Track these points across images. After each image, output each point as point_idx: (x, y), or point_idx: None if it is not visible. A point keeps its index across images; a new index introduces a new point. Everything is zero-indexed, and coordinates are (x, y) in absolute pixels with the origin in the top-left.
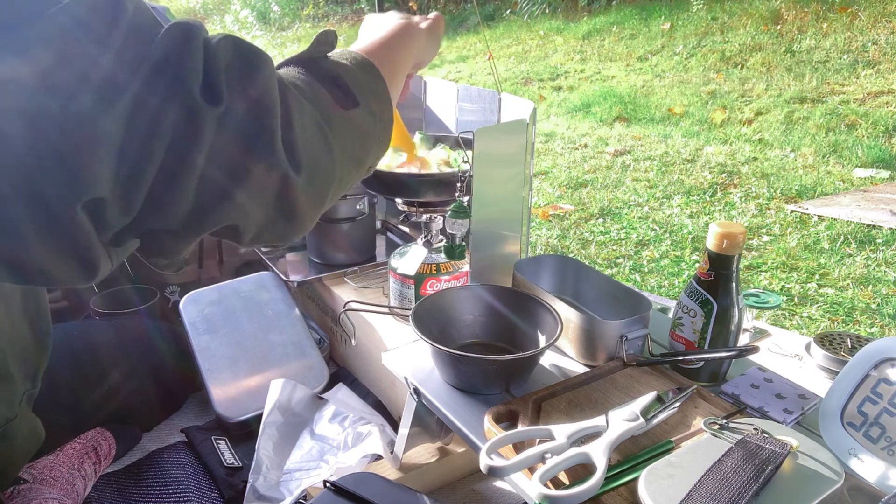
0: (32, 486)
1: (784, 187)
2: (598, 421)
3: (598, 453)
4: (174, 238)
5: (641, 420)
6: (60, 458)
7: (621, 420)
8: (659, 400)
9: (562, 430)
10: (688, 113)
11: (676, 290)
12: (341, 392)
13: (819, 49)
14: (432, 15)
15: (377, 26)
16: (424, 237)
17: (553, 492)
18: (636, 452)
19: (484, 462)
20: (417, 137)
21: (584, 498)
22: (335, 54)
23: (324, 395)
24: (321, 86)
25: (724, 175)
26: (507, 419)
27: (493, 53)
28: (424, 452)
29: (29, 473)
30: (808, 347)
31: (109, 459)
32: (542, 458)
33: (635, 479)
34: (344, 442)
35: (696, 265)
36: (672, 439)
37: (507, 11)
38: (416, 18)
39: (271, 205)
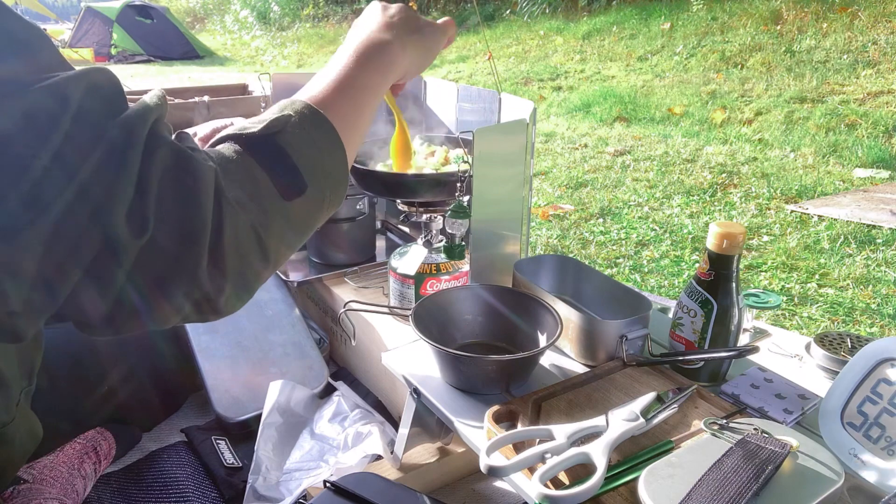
0: (32, 486)
1: (784, 187)
2: (598, 421)
3: (598, 453)
4: (93, 331)
5: (641, 420)
6: (60, 458)
7: (621, 420)
8: (659, 400)
9: (562, 430)
10: (688, 113)
11: (676, 290)
12: (342, 388)
13: (819, 49)
14: (441, 20)
15: (349, 43)
16: (424, 237)
17: (553, 492)
18: (636, 452)
19: (484, 462)
20: (418, 142)
21: (585, 498)
22: (286, 110)
23: (335, 383)
24: (265, 173)
25: (724, 175)
26: (507, 419)
27: (493, 53)
28: (424, 452)
29: (29, 473)
30: (808, 347)
31: (109, 459)
32: (542, 458)
33: (635, 479)
34: (344, 442)
35: (696, 265)
36: (672, 439)
37: (507, 11)
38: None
39: (191, 313)
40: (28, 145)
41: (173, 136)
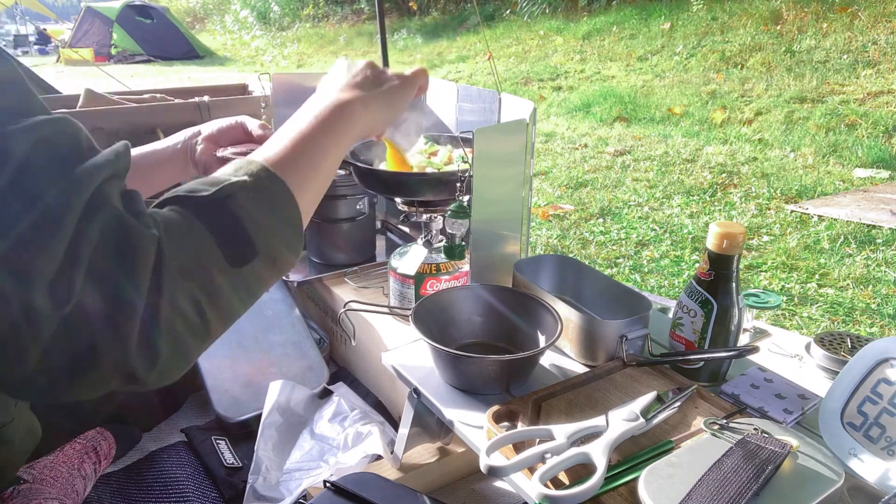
0: (32, 486)
1: (784, 187)
2: (598, 421)
3: (598, 453)
4: (15, 395)
5: (641, 420)
6: (60, 458)
7: (621, 420)
8: (659, 400)
9: (562, 430)
10: (688, 113)
11: (676, 290)
12: (342, 389)
13: (819, 49)
14: (412, 70)
15: (312, 102)
16: (424, 237)
17: (553, 492)
18: (636, 452)
19: (484, 462)
20: (422, 141)
21: (585, 498)
22: (241, 172)
23: (331, 387)
24: (214, 240)
25: (724, 175)
26: (507, 419)
27: (493, 53)
28: (424, 452)
29: (29, 473)
30: (808, 347)
31: (109, 459)
32: (542, 458)
33: (635, 479)
34: (344, 442)
35: (696, 265)
36: (672, 439)
37: (507, 11)
38: (377, 79)
39: (119, 385)
40: None
41: (125, 191)
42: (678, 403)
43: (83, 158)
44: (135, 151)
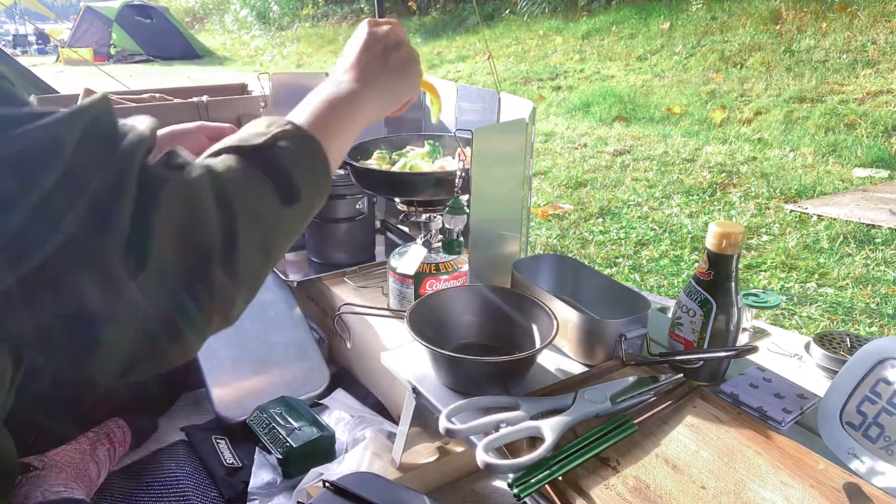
0: (40, 474)
1: (783, 187)
2: (566, 399)
3: (549, 429)
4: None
5: (607, 403)
6: (72, 446)
7: (586, 400)
8: (639, 385)
9: (528, 403)
10: (687, 112)
11: (676, 289)
12: (339, 395)
13: (818, 49)
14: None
15: (323, 89)
16: (424, 237)
17: (492, 459)
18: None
19: (442, 424)
20: (427, 147)
21: (520, 468)
22: (273, 126)
23: (322, 401)
24: (269, 181)
25: (723, 175)
26: None
27: (492, 53)
28: (424, 452)
29: (39, 461)
30: (807, 347)
31: (125, 447)
32: (496, 427)
33: (601, 451)
34: (343, 444)
35: (696, 265)
36: (635, 421)
37: (507, 11)
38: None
39: (208, 331)
40: (10, 194)
41: (164, 154)
42: (653, 392)
43: (119, 132)
44: None
